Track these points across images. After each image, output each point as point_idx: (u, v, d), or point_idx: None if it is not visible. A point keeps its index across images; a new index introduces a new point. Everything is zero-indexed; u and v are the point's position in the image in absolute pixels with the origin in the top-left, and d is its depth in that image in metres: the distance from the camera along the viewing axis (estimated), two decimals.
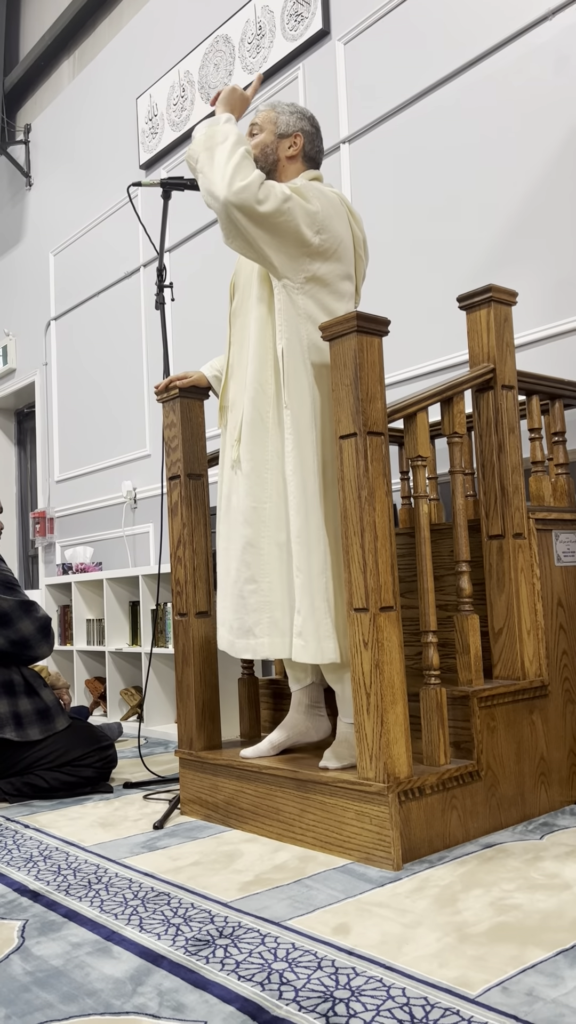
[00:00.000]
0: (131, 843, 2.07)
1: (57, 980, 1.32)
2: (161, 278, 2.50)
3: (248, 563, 2.04)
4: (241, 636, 2.05)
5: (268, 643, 2.01)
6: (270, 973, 1.30)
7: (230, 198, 1.93)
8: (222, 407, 2.24)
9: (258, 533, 2.03)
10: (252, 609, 2.03)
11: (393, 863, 1.75)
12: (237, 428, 2.11)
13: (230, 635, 2.09)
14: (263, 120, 2.21)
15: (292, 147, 2.20)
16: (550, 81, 2.85)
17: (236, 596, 2.06)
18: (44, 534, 5.53)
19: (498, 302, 2.19)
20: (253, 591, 2.03)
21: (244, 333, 2.15)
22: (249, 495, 2.06)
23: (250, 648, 2.03)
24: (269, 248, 1.99)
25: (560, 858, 1.76)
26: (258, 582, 2.02)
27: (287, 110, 2.21)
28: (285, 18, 3.83)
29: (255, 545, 2.03)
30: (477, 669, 2.04)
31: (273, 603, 2.01)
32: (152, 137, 4.63)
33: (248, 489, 2.06)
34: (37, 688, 2.74)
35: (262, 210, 1.94)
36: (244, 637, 2.04)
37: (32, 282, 5.83)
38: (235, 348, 2.18)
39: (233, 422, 2.14)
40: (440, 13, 3.21)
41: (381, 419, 1.88)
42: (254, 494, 2.05)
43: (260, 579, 2.02)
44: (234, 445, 2.11)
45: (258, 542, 2.03)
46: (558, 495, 2.41)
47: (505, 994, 1.19)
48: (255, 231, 1.97)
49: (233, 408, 2.16)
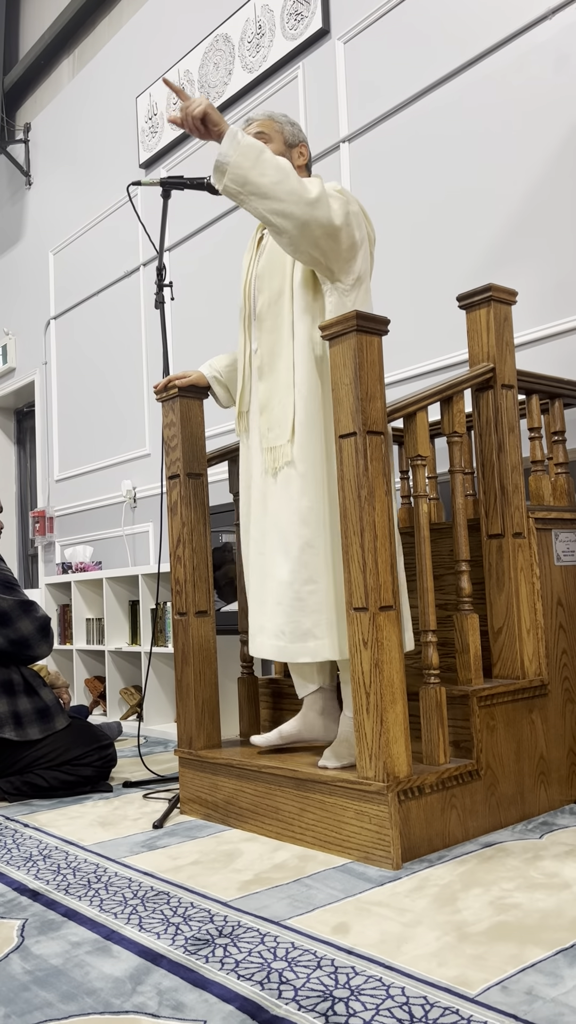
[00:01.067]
0: (131, 842, 2.07)
1: (56, 979, 1.32)
2: (161, 277, 2.50)
3: (307, 563, 2.01)
4: (297, 640, 2.00)
5: (328, 644, 1.98)
6: (269, 972, 1.30)
7: (312, 217, 1.89)
8: (242, 412, 2.20)
9: (316, 533, 2.01)
10: (312, 610, 1.99)
11: (392, 862, 1.75)
12: (288, 430, 2.05)
13: (279, 640, 2.03)
14: (269, 129, 2.17)
15: (301, 156, 2.21)
16: (550, 80, 2.85)
17: (293, 599, 2.01)
18: (44, 533, 5.53)
19: (498, 301, 2.19)
20: (312, 591, 2.00)
21: (277, 335, 2.10)
22: (306, 495, 2.03)
23: (309, 651, 1.99)
24: (335, 255, 1.97)
25: (560, 857, 1.76)
26: (317, 582, 2.00)
27: (286, 120, 2.21)
28: (285, 17, 3.83)
29: (313, 545, 2.01)
30: (477, 668, 2.04)
31: (330, 604, 1.99)
32: (152, 136, 4.63)
33: (304, 489, 2.03)
34: (36, 687, 2.74)
35: (335, 223, 1.93)
36: (302, 640, 1.99)
37: (32, 281, 5.83)
38: (264, 350, 2.13)
39: (275, 424, 2.09)
40: (440, 12, 3.21)
41: (381, 418, 1.88)
42: (311, 494, 2.03)
43: (319, 579, 2.00)
44: (283, 446, 2.06)
45: (316, 542, 2.01)
46: (558, 494, 2.41)
47: (504, 993, 1.19)
48: (327, 243, 1.94)
49: (267, 411, 2.11)
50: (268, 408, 2.11)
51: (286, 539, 2.05)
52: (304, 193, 1.89)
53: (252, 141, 1.90)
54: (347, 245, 1.98)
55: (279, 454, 2.08)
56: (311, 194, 1.90)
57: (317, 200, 1.90)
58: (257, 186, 1.88)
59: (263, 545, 2.12)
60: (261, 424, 2.13)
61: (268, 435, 2.11)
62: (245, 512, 2.22)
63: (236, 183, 1.89)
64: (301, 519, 2.03)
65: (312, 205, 1.89)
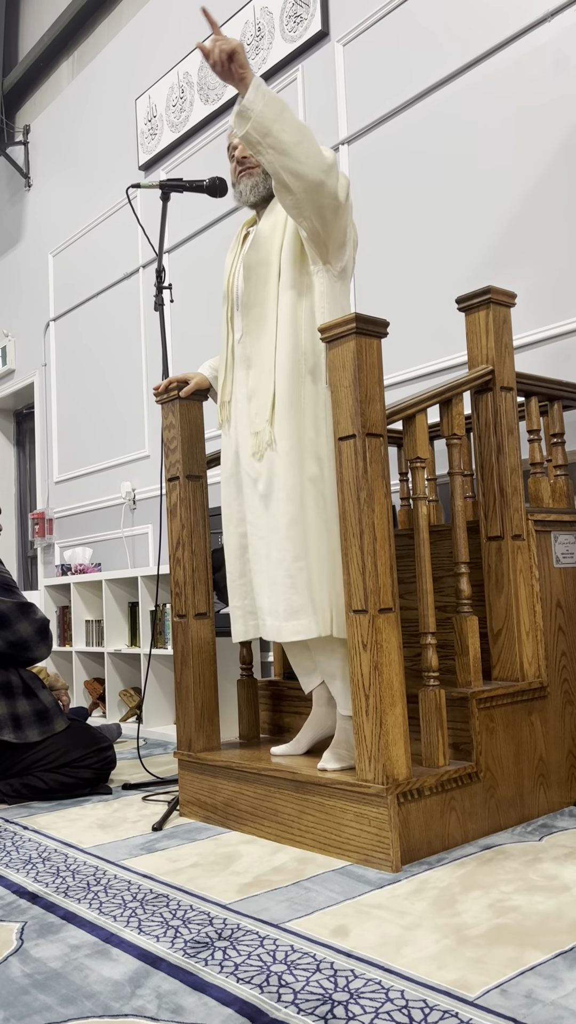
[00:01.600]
0: (130, 845, 2.07)
1: (56, 982, 1.32)
2: (160, 279, 2.50)
3: (294, 540, 2.00)
4: (290, 618, 2.00)
5: (320, 620, 1.98)
6: (269, 975, 1.30)
7: (324, 182, 1.91)
8: (224, 401, 2.22)
9: (300, 509, 2.01)
10: (302, 587, 1.99)
11: (392, 865, 1.75)
12: (268, 409, 2.06)
13: (274, 620, 2.03)
14: None
15: None
16: (549, 82, 2.85)
17: (284, 577, 2.00)
18: (43, 535, 5.53)
19: (497, 304, 2.19)
20: (301, 568, 1.99)
21: (262, 322, 2.11)
22: (291, 472, 2.02)
23: (302, 629, 1.98)
24: (333, 228, 2.00)
25: (559, 860, 1.76)
26: (304, 559, 1.99)
27: None
28: (284, 19, 3.83)
29: (299, 521, 2.00)
30: (476, 670, 2.04)
31: (317, 580, 1.99)
32: (151, 138, 4.63)
33: (288, 466, 2.03)
34: (36, 689, 2.74)
35: (341, 197, 1.97)
36: (294, 618, 1.99)
37: (31, 283, 5.83)
38: (249, 339, 2.13)
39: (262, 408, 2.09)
40: (439, 15, 3.21)
41: (380, 421, 1.88)
42: (295, 472, 2.02)
43: (305, 555, 1.99)
44: (265, 427, 2.06)
45: (301, 518, 2.01)
46: (557, 496, 2.41)
47: (504, 996, 1.19)
48: (329, 214, 1.97)
49: (256, 396, 2.11)
50: (257, 394, 2.12)
51: (274, 518, 2.06)
52: (320, 158, 1.93)
53: (276, 95, 1.91)
54: (344, 224, 2.02)
55: (261, 437, 2.09)
56: (327, 161, 1.93)
57: (330, 168, 1.94)
58: (277, 140, 1.89)
59: (260, 529, 2.11)
60: (250, 410, 2.14)
61: (255, 420, 2.12)
62: (228, 501, 2.22)
63: (258, 132, 1.89)
64: (287, 496, 2.03)
65: (326, 172, 1.93)
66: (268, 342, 2.10)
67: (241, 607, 2.20)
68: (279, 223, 2.13)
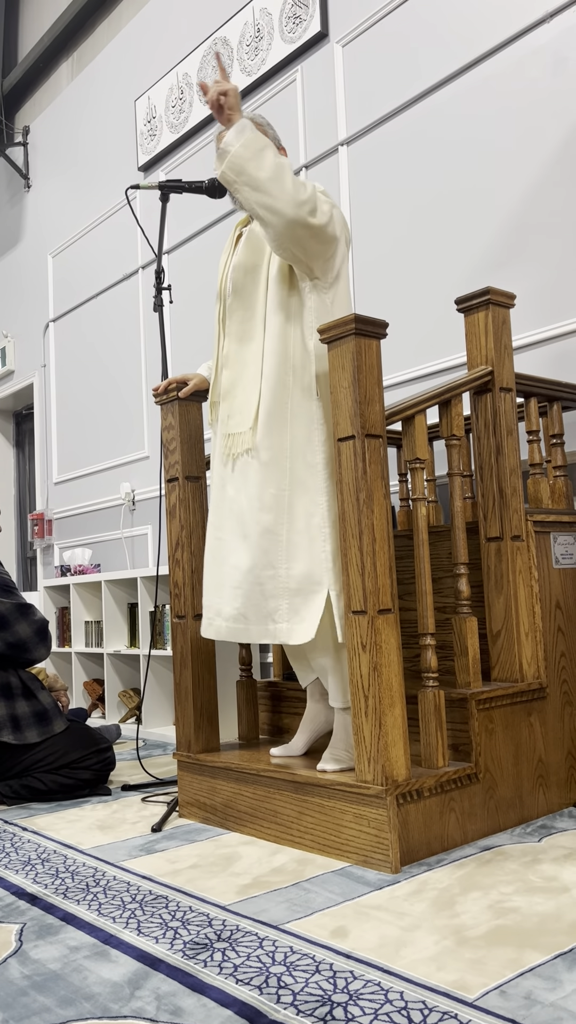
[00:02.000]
0: (129, 846, 2.07)
1: (55, 984, 1.32)
2: (159, 280, 2.50)
3: (266, 550, 2.01)
4: (260, 622, 2.02)
5: (287, 628, 1.99)
6: (268, 977, 1.30)
7: (299, 217, 1.94)
8: (214, 401, 2.22)
9: (277, 520, 2.02)
10: (271, 595, 2.01)
11: (391, 866, 1.75)
12: (251, 417, 2.07)
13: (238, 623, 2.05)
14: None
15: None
16: (548, 83, 2.85)
17: (253, 583, 2.03)
18: (42, 536, 5.52)
19: (496, 304, 2.19)
20: (271, 576, 2.01)
21: (249, 326, 2.12)
22: (268, 483, 2.03)
23: (270, 633, 2.01)
24: (317, 254, 2.03)
25: (558, 861, 1.76)
26: (276, 568, 2.00)
27: (265, 122, 2.24)
28: (283, 20, 3.83)
29: (273, 532, 2.01)
30: (475, 671, 2.04)
31: (289, 590, 2.00)
32: (150, 139, 4.63)
33: (267, 477, 2.03)
34: (35, 690, 2.74)
35: (320, 223, 1.98)
36: (264, 623, 2.02)
37: (30, 284, 5.83)
38: (234, 343, 2.15)
39: (236, 412, 2.11)
40: (438, 16, 3.21)
41: (379, 421, 1.88)
42: (275, 482, 2.03)
43: (278, 565, 2.00)
44: (244, 434, 2.07)
45: (276, 529, 2.02)
46: (556, 497, 2.41)
47: (503, 998, 1.19)
48: (311, 243, 2.00)
49: (229, 397, 2.13)
50: (230, 395, 2.14)
51: (244, 525, 2.06)
52: (296, 194, 1.94)
53: (257, 136, 1.96)
54: (329, 244, 2.04)
55: (238, 441, 2.09)
56: (302, 195, 1.95)
57: (306, 201, 1.96)
58: (251, 178, 1.94)
59: (220, 531, 2.13)
60: (222, 411, 2.16)
61: (228, 422, 2.12)
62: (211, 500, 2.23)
63: (233, 171, 1.96)
64: (261, 505, 2.03)
65: (300, 206, 1.95)
66: (254, 350, 2.11)
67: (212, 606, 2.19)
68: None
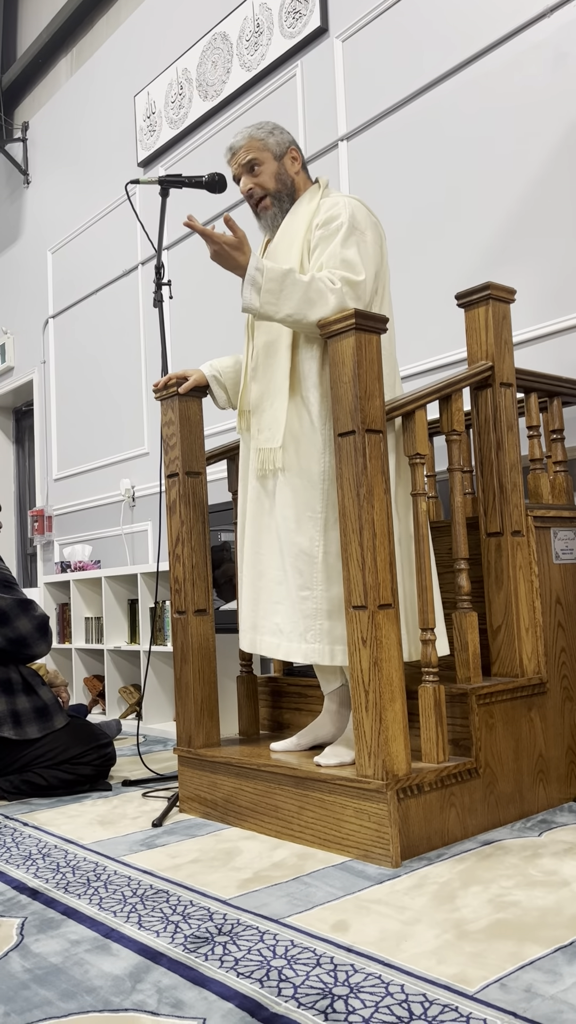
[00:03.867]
0: (130, 841, 2.07)
1: (56, 977, 1.32)
2: (159, 276, 2.50)
3: (301, 571, 2.02)
4: (295, 639, 2.04)
5: (319, 649, 2.00)
6: (269, 970, 1.31)
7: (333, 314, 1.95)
8: (243, 411, 2.21)
9: (312, 542, 2.02)
10: (306, 615, 2.02)
11: (392, 860, 1.75)
12: (280, 434, 2.06)
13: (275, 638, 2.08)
14: (257, 152, 2.17)
15: (295, 161, 2.20)
16: (548, 78, 2.85)
17: (288, 599, 2.06)
18: (42, 532, 5.53)
19: (496, 300, 2.19)
20: (305, 598, 2.02)
21: (274, 338, 2.11)
22: (303, 505, 2.03)
23: (302, 652, 2.03)
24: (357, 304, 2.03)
25: (558, 855, 1.76)
26: (312, 589, 2.01)
27: (267, 129, 2.19)
28: (283, 15, 3.82)
29: (308, 553, 2.02)
30: (475, 666, 2.04)
31: (324, 611, 2.00)
32: (150, 135, 4.62)
33: (302, 499, 2.04)
34: (35, 686, 2.74)
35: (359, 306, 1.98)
36: (299, 641, 2.03)
37: (30, 280, 5.82)
38: (261, 355, 2.13)
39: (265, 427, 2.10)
40: (438, 11, 3.21)
41: (380, 417, 1.88)
42: (309, 504, 2.03)
43: (313, 587, 2.01)
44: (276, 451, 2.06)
45: (311, 550, 2.02)
46: (556, 493, 2.41)
47: (503, 991, 1.19)
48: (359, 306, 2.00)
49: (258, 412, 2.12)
50: (259, 409, 2.13)
51: (281, 543, 2.08)
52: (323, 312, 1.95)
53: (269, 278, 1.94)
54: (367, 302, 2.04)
55: (269, 457, 2.09)
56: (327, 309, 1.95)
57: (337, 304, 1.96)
58: (287, 314, 1.96)
59: (259, 545, 2.14)
60: (253, 424, 2.15)
61: (259, 436, 2.12)
62: (243, 509, 2.23)
63: (263, 318, 1.99)
64: (298, 528, 2.04)
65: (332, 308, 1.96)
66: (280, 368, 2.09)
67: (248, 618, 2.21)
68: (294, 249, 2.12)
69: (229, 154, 2.21)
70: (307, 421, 2.05)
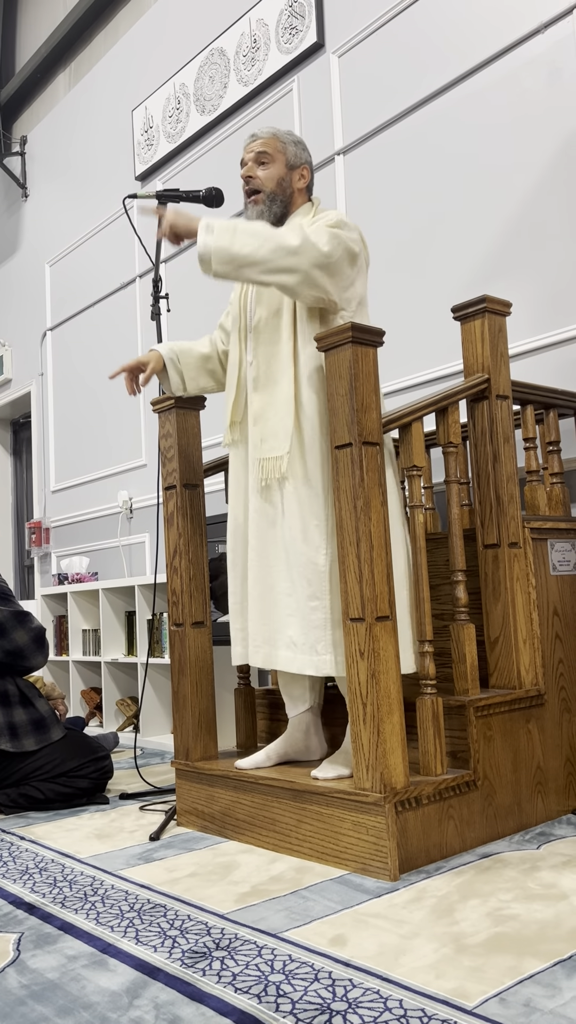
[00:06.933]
0: (127, 855, 2.06)
1: (53, 993, 1.31)
2: (157, 289, 2.51)
3: (310, 580, 2.01)
4: (307, 652, 2.02)
5: (330, 660, 1.98)
6: (267, 985, 1.30)
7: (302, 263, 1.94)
8: (234, 421, 2.19)
9: (317, 551, 2.02)
10: (315, 626, 2.00)
11: (390, 874, 1.75)
12: (286, 443, 2.06)
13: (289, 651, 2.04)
14: (272, 149, 2.17)
15: (302, 179, 2.20)
16: (543, 93, 2.87)
17: (299, 611, 2.03)
18: (40, 544, 5.52)
19: (492, 312, 2.20)
20: (315, 608, 2.00)
21: (275, 349, 2.11)
22: (310, 513, 2.03)
23: (314, 664, 2.00)
24: (334, 287, 2.02)
25: (557, 868, 1.76)
26: (320, 599, 2.00)
27: (291, 140, 2.20)
28: (280, 31, 3.85)
29: (315, 562, 2.01)
30: (473, 678, 2.04)
31: (334, 621, 1.99)
32: (148, 149, 4.65)
33: (308, 508, 2.03)
34: (32, 698, 2.73)
35: (328, 253, 1.97)
36: (310, 653, 2.01)
37: (28, 292, 5.84)
38: (261, 363, 2.13)
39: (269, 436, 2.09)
40: (434, 26, 3.23)
41: (376, 429, 1.88)
42: (315, 513, 2.03)
43: (322, 596, 2.00)
44: (281, 458, 2.06)
45: (317, 559, 2.01)
46: (553, 504, 2.41)
47: (503, 1005, 1.19)
48: (325, 280, 1.99)
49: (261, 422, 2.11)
50: (262, 419, 2.11)
51: (288, 555, 2.06)
52: (287, 244, 1.93)
53: (223, 223, 1.95)
54: (344, 274, 2.02)
55: (273, 466, 2.07)
56: (293, 242, 1.94)
57: (301, 246, 1.94)
58: (244, 257, 1.93)
59: (266, 558, 2.11)
60: (253, 435, 2.13)
61: (261, 446, 2.10)
62: (236, 524, 2.22)
63: (223, 263, 1.95)
64: (304, 537, 2.03)
65: (297, 253, 1.94)
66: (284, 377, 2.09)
67: (242, 630, 2.20)
68: None
69: (250, 139, 2.22)
70: (310, 429, 2.05)
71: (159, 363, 2.29)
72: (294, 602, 2.05)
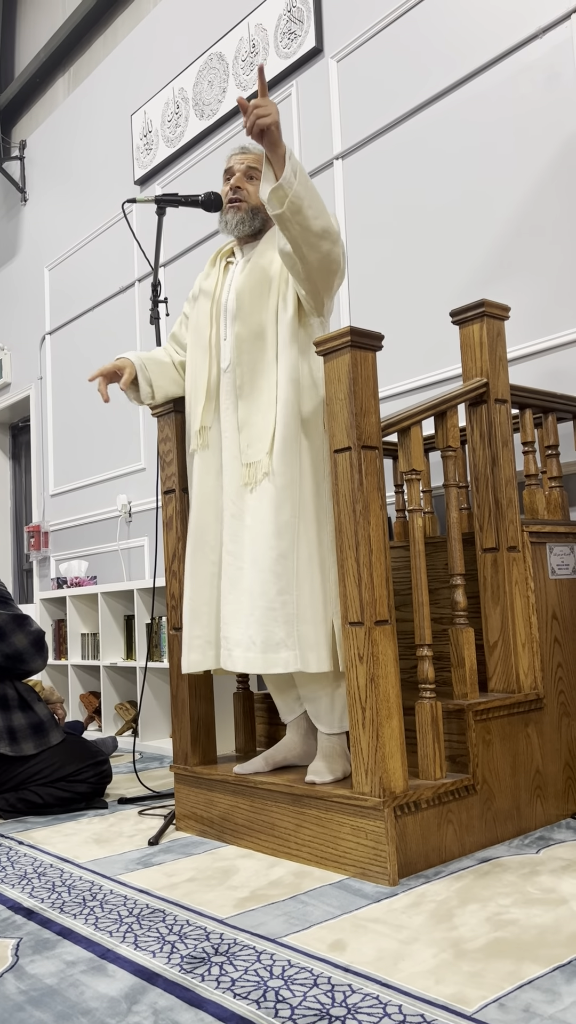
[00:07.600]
0: (126, 859, 2.06)
1: (51, 999, 1.31)
2: (156, 293, 2.51)
3: (280, 574, 2.00)
4: (269, 650, 1.99)
5: (297, 656, 1.97)
6: (266, 991, 1.30)
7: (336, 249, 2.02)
8: (204, 426, 2.19)
9: (290, 546, 2.02)
10: (284, 621, 1.98)
11: (389, 878, 1.75)
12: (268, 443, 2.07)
13: (250, 652, 2.01)
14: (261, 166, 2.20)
15: None
16: (541, 97, 2.88)
17: (265, 609, 2.00)
18: (39, 548, 5.52)
19: (491, 316, 2.21)
20: (285, 602, 1.99)
21: (260, 356, 2.13)
22: (283, 508, 2.03)
23: (281, 662, 1.97)
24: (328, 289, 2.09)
25: (556, 872, 1.76)
26: (290, 593, 2.00)
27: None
28: (278, 36, 3.86)
29: (287, 557, 2.01)
30: (472, 682, 2.04)
31: (303, 617, 1.99)
32: (147, 153, 4.66)
33: (280, 502, 2.03)
34: (31, 702, 2.73)
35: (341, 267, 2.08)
36: (274, 651, 1.99)
37: (27, 296, 5.84)
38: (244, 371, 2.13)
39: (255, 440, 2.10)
40: (432, 31, 3.24)
41: (375, 433, 1.88)
42: (288, 508, 2.03)
43: (291, 590, 2.00)
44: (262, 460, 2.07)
45: (290, 554, 2.02)
46: (552, 508, 2.41)
47: (502, 1010, 1.19)
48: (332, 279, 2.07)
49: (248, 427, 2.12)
50: (249, 425, 2.12)
51: (259, 551, 2.05)
52: (333, 229, 2.01)
53: (303, 169, 1.98)
54: (337, 284, 2.12)
55: (258, 468, 2.08)
56: (335, 230, 2.02)
57: (338, 237, 2.03)
58: (305, 218, 1.96)
59: (240, 560, 2.10)
60: (241, 441, 2.13)
61: (248, 451, 2.11)
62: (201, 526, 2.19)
63: (291, 211, 1.94)
64: (276, 531, 2.02)
65: (335, 241, 2.02)
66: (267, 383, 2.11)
67: (202, 636, 2.15)
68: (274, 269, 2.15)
69: (240, 150, 2.25)
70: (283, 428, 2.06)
71: (133, 370, 2.29)
72: (260, 600, 2.02)
